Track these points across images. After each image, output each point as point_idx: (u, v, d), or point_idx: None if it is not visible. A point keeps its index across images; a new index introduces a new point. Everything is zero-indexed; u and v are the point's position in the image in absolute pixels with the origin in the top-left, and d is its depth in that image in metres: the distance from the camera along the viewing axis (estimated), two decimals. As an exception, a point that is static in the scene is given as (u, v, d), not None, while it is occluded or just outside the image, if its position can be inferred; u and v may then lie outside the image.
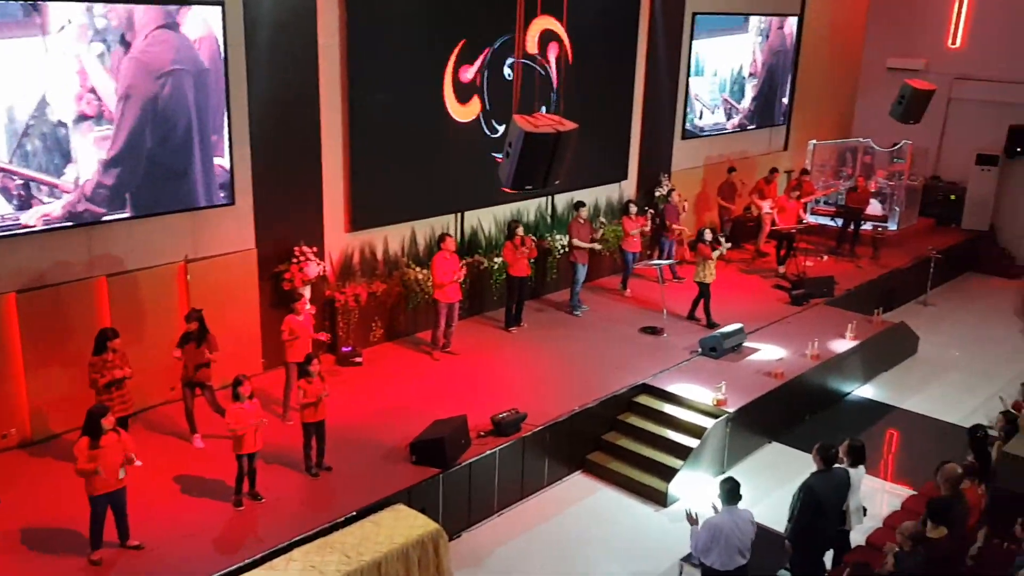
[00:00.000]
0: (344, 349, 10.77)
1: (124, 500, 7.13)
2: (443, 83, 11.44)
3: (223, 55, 9.28)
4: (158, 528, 7.41)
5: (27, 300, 8.40)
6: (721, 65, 16.03)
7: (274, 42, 9.68)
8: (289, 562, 7.03)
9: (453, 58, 11.46)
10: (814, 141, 17.49)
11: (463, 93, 11.71)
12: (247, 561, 7.04)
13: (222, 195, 9.62)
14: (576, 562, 8.43)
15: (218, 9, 9.16)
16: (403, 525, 7.58)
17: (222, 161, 9.53)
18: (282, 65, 9.81)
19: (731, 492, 6.73)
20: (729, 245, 12.94)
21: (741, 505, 6.83)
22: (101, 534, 7.03)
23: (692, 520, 6.81)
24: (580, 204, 12.76)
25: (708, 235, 12.37)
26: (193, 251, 9.55)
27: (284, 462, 8.50)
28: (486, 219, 12.52)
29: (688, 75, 15.32)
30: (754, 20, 16.45)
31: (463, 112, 11.80)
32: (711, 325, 12.11)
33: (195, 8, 8.95)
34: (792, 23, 17.42)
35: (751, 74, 16.77)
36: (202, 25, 9.07)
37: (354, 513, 7.72)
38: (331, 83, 10.39)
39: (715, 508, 6.80)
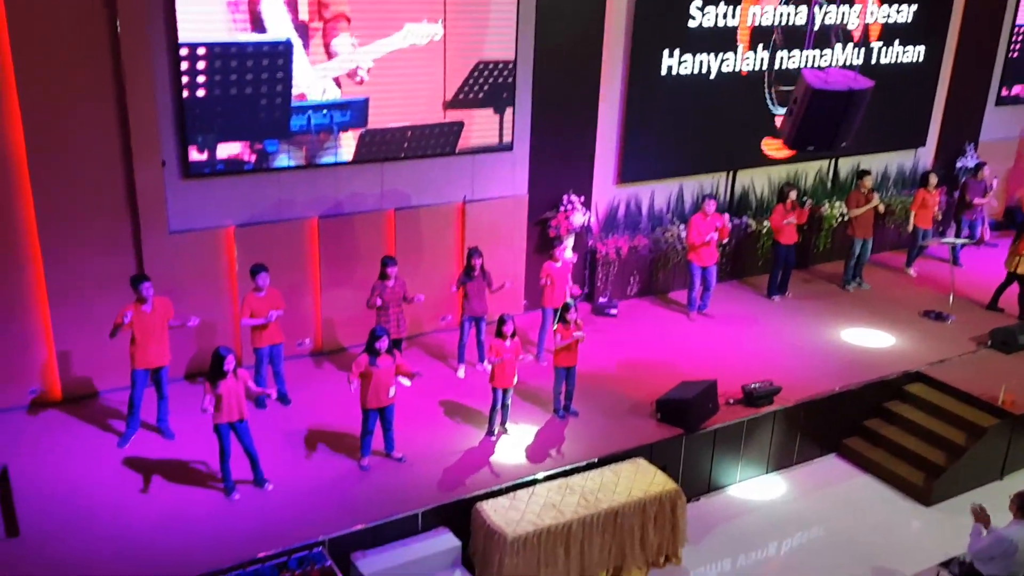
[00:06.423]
0: (601, 300, 10.93)
1: (392, 416, 7.76)
2: (732, 35, 11.01)
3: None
4: (418, 445, 8.04)
5: (327, 225, 9.32)
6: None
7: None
8: (531, 496, 7.36)
9: (742, 8, 10.99)
10: None
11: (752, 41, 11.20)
12: (493, 488, 7.45)
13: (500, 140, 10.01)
14: (820, 549, 8.04)
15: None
16: (642, 480, 7.63)
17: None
18: (570, 15, 9.94)
19: None
20: None
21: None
22: (370, 443, 7.73)
23: (980, 516, 6.27)
24: (864, 173, 11.74)
25: None
26: (471, 193, 10.08)
27: (534, 401, 8.85)
28: (760, 179, 11.99)
29: (1011, 32, 13.52)
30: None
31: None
32: None
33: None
34: None
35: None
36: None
37: (595, 460, 7.89)
38: (615, 36, 10.37)
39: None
